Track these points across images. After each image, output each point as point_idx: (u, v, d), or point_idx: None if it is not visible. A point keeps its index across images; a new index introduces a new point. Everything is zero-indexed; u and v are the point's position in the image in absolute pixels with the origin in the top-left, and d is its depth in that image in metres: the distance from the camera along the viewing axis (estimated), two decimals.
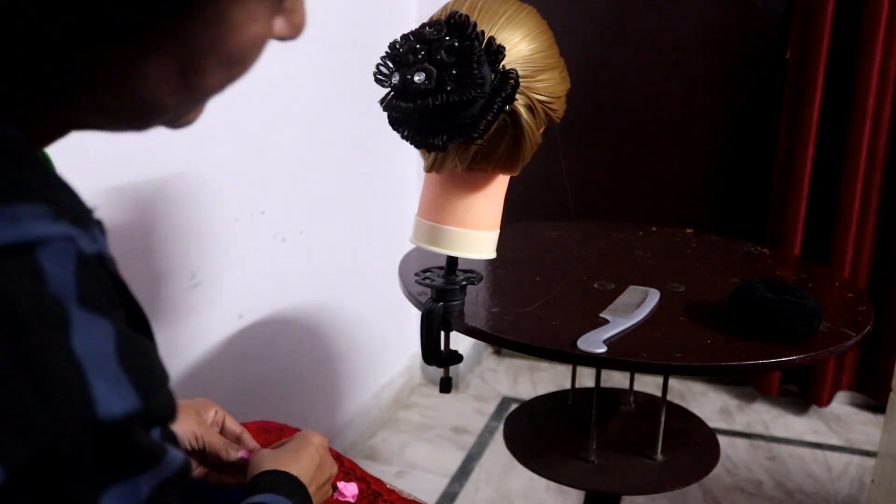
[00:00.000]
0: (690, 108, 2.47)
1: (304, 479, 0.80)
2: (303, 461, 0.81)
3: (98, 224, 0.39)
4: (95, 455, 0.31)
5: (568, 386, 1.51)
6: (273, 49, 0.45)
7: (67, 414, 0.30)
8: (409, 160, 2.17)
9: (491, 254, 1.02)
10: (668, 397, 1.34)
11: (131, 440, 0.33)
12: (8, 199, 0.31)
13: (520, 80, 0.85)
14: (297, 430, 1.00)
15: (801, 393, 2.43)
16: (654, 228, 1.61)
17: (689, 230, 1.60)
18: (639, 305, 1.12)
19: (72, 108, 0.40)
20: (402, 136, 0.89)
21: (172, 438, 0.41)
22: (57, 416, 0.29)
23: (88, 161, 1.06)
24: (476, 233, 0.98)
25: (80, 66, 0.37)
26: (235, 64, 0.41)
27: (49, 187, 0.35)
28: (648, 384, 2.19)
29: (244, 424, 0.94)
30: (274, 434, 0.99)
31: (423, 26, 0.86)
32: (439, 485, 1.96)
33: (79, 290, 0.32)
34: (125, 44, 0.37)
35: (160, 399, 0.35)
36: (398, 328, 2.21)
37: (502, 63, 0.84)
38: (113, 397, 0.32)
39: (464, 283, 1.06)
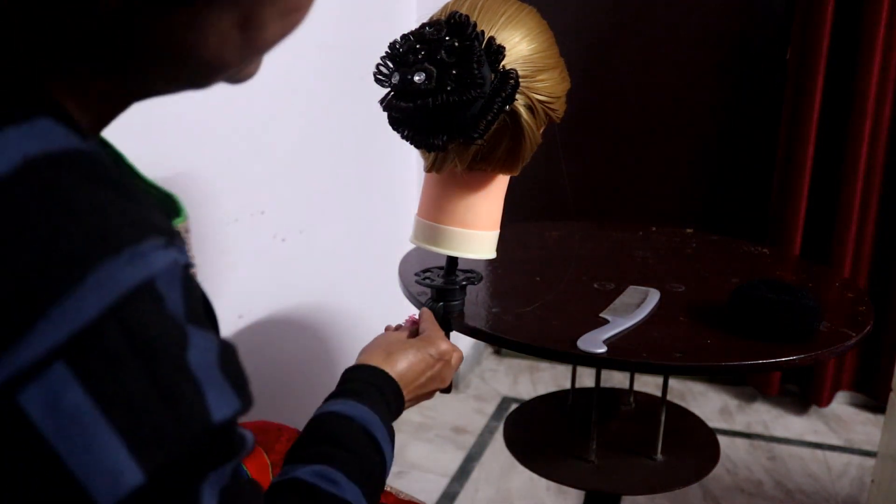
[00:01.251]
0: (690, 107, 2.47)
1: (404, 382, 0.78)
2: (411, 363, 0.79)
3: (179, 234, 0.41)
4: (206, 452, 0.36)
5: (568, 386, 1.51)
6: (272, 49, 0.45)
7: (191, 422, 0.35)
8: (409, 160, 2.17)
9: (491, 254, 1.02)
10: (668, 397, 1.34)
11: (231, 436, 0.38)
12: (133, 239, 0.34)
13: (520, 80, 0.85)
14: (297, 430, 1.00)
15: (801, 393, 2.43)
16: (654, 228, 1.61)
17: (689, 230, 1.60)
18: (639, 305, 1.12)
19: (135, 78, 0.41)
20: (402, 137, 0.89)
21: None
22: (183, 425, 0.34)
23: None
24: (476, 233, 0.98)
25: (142, 33, 0.38)
26: (292, 11, 0.42)
27: (151, 210, 0.37)
28: (648, 384, 2.19)
29: (243, 424, 0.94)
30: (273, 434, 0.99)
31: (422, 26, 0.86)
32: (439, 485, 1.96)
33: (187, 308, 0.36)
34: (185, 4, 0.37)
35: (249, 395, 0.40)
36: None
37: (502, 63, 0.84)
38: (222, 403, 0.37)
39: (464, 283, 1.06)
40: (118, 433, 0.32)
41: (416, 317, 0.94)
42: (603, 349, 0.98)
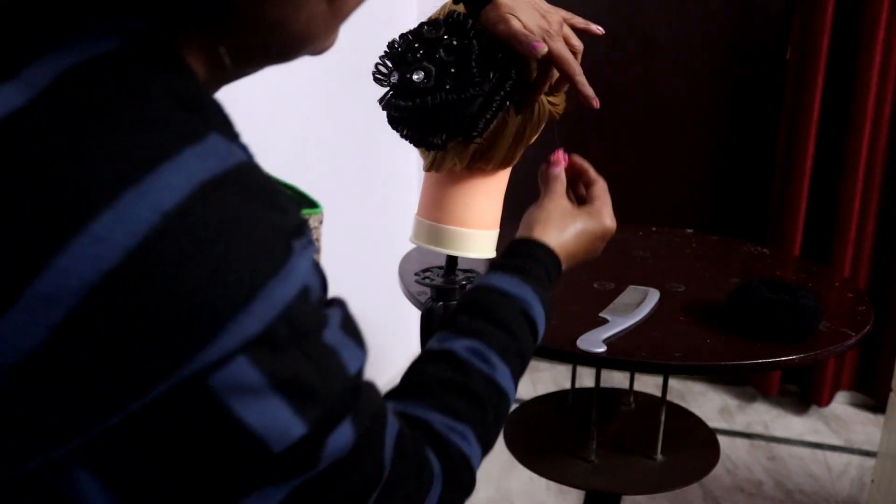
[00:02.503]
0: (690, 107, 2.47)
1: (568, 259, 0.78)
2: (580, 243, 0.80)
3: (308, 227, 0.46)
4: (348, 398, 0.45)
5: (568, 386, 1.51)
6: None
7: (334, 382, 0.43)
8: (408, 159, 2.17)
9: (491, 253, 1.02)
10: (668, 397, 1.34)
11: (362, 378, 0.47)
12: (287, 255, 0.40)
13: None
14: None
15: (801, 393, 2.43)
16: (654, 228, 1.61)
17: (689, 230, 1.60)
18: (638, 305, 1.12)
19: (234, 56, 0.45)
20: (402, 136, 0.89)
21: None
22: (329, 385, 0.42)
23: None
24: (476, 232, 0.98)
25: (243, 7, 0.42)
26: None
27: (291, 214, 0.43)
28: (648, 384, 2.19)
29: None
30: None
31: (421, 25, 0.86)
32: None
33: (322, 293, 0.44)
34: None
35: (364, 343, 0.48)
36: (398, 328, 2.21)
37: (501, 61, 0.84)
38: (352, 359, 0.45)
39: (464, 282, 1.05)
40: (284, 399, 0.40)
41: (564, 158, 0.88)
42: (602, 349, 0.98)
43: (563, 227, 0.79)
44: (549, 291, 0.73)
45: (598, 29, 0.91)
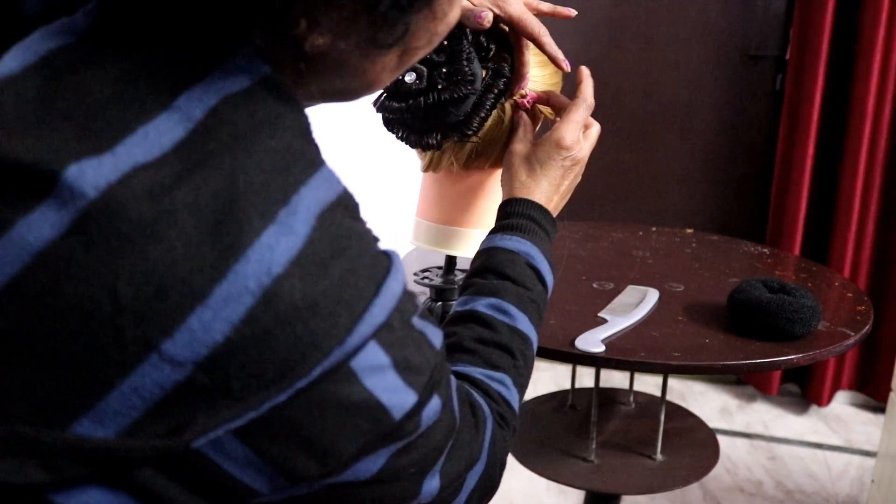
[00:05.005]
0: (690, 107, 2.47)
1: (551, 202, 0.81)
2: (553, 184, 0.81)
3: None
4: (440, 368, 0.52)
5: (567, 386, 1.51)
6: None
7: (430, 357, 0.50)
8: (405, 161, 2.17)
9: None
10: (668, 397, 1.34)
11: (444, 354, 0.54)
12: (388, 259, 0.48)
13: None
14: None
15: (801, 393, 2.43)
16: (653, 228, 1.61)
17: (689, 230, 1.60)
18: (637, 305, 1.12)
19: (319, 95, 0.52)
20: (397, 137, 0.89)
21: None
22: (427, 360, 0.50)
23: None
24: (474, 232, 0.98)
25: (325, 62, 0.48)
26: (434, 44, 0.53)
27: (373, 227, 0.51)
28: (648, 384, 2.19)
29: None
30: None
31: None
32: None
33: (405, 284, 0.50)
34: (381, 48, 0.48)
35: (438, 327, 0.55)
36: None
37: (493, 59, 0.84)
38: (435, 338, 0.52)
39: (463, 282, 1.06)
40: (399, 373, 0.47)
41: (531, 97, 0.86)
42: (601, 349, 0.98)
43: (533, 174, 0.82)
44: (546, 241, 0.79)
45: (568, 11, 0.90)
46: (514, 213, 0.80)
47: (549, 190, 0.81)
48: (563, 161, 0.82)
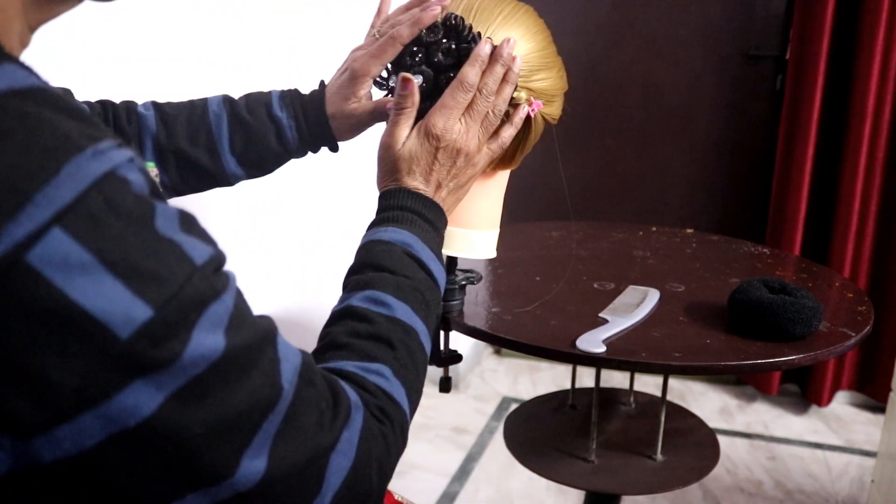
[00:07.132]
0: (690, 107, 2.47)
1: (425, 188, 0.78)
2: (423, 168, 0.78)
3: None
4: (201, 288, 0.44)
5: (568, 386, 1.51)
6: (270, 51, 0.46)
7: (178, 268, 0.43)
8: None
9: (491, 253, 1.02)
10: (668, 397, 1.34)
11: (218, 275, 0.47)
12: (93, 140, 0.42)
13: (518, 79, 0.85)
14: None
15: (801, 393, 2.43)
16: (654, 228, 1.61)
17: (689, 230, 1.60)
18: (638, 305, 1.12)
19: None
20: None
21: None
22: (173, 269, 0.43)
23: None
24: (476, 232, 0.98)
25: None
26: None
27: (104, 130, 0.45)
28: (648, 384, 2.19)
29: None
30: None
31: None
32: (439, 485, 1.96)
33: (149, 187, 0.44)
34: None
35: (217, 245, 0.48)
36: None
37: None
38: (196, 251, 0.45)
39: (463, 282, 1.06)
40: (119, 278, 0.40)
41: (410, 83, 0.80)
42: (602, 349, 0.98)
43: (398, 165, 0.79)
44: (429, 231, 0.77)
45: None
46: (389, 206, 0.78)
47: (424, 181, 0.78)
48: (437, 151, 0.78)
